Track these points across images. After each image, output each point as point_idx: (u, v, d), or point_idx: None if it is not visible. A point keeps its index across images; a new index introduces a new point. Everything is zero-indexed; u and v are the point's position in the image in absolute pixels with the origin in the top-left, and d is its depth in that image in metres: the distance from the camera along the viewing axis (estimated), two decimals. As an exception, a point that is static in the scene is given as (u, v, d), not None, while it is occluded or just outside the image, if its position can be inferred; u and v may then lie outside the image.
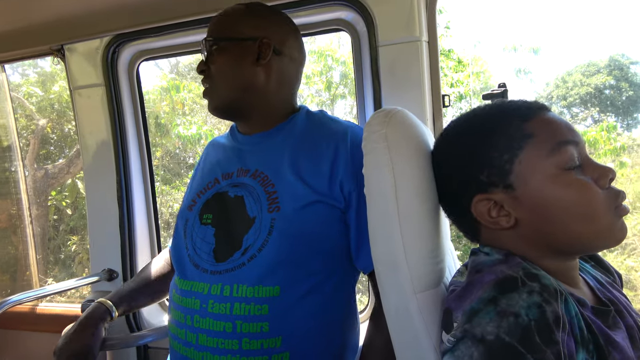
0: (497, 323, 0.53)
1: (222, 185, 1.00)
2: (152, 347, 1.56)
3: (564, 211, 0.62)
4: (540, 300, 0.54)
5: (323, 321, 0.92)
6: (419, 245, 0.75)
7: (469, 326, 0.55)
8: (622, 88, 10.59)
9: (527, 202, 0.64)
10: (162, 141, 5.58)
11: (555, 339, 0.52)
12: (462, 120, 0.73)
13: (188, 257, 0.97)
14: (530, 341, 0.51)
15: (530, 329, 0.52)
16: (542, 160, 0.63)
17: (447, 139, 0.75)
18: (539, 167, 0.63)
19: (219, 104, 1.00)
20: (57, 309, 1.78)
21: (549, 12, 12.28)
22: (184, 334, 0.92)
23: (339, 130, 0.97)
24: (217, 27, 1.00)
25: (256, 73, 0.98)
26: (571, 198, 0.62)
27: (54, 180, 5.37)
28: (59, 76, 5.65)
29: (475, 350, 0.53)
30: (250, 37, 0.97)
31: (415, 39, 1.18)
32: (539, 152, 0.63)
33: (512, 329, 0.52)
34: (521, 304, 0.53)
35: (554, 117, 0.66)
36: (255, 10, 1.01)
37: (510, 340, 0.51)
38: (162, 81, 5.74)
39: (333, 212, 0.92)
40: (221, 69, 0.98)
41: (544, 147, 0.63)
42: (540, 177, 0.63)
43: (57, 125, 5.91)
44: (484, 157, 0.67)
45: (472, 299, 0.59)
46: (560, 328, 0.53)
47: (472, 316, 0.56)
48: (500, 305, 0.54)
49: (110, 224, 1.53)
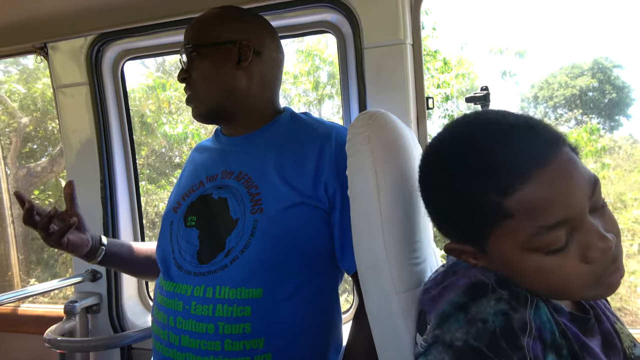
0: (466, 330, 0.55)
1: (206, 187, 1.00)
2: (136, 347, 1.55)
3: (535, 281, 0.58)
4: (507, 308, 0.55)
5: (306, 322, 0.92)
6: (401, 246, 0.76)
7: (440, 332, 0.57)
8: (606, 90, 10.78)
9: (499, 263, 0.60)
10: (148, 140, 5.53)
11: (520, 344, 0.54)
12: (447, 156, 0.61)
13: (173, 259, 0.97)
14: (497, 346, 0.53)
15: (496, 334, 0.54)
16: (517, 244, 0.56)
17: (429, 165, 0.65)
18: (513, 249, 0.56)
19: (202, 111, 1.01)
20: (40, 310, 1.76)
21: (535, 15, 12.43)
22: (166, 335, 0.92)
23: (324, 131, 0.98)
24: (194, 33, 1.00)
25: (238, 76, 0.98)
26: (543, 278, 0.57)
27: (36, 179, 5.29)
28: (42, 73, 5.57)
29: (446, 355, 0.55)
30: (229, 41, 0.97)
31: (400, 41, 1.19)
32: (515, 235, 0.55)
33: (480, 334, 0.54)
34: (489, 311, 0.55)
35: (546, 187, 0.53)
36: (231, 13, 1.02)
37: (478, 345, 0.54)
38: (147, 79, 5.69)
39: (316, 213, 0.92)
40: (202, 75, 0.98)
41: (522, 232, 0.54)
42: (514, 255, 0.57)
43: (40, 123, 5.82)
44: (458, 215, 0.60)
45: (444, 301, 0.60)
46: (526, 334, 0.55)
47: (442, 322, 0.58)
48: (470, 313, 0.56)
49: (94, 224, 1.52)
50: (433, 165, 0.63)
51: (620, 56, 12.24)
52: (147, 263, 1.17)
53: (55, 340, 1.28)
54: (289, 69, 6.30)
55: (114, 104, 1.54)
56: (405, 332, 0.73)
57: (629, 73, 10.43)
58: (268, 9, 1.24)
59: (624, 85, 11.10)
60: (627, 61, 10.64)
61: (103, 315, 1.52)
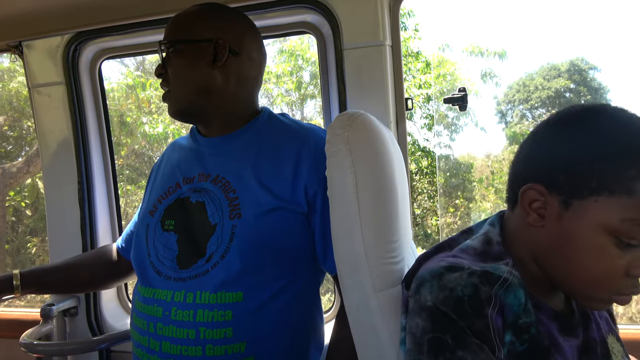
0: (436, 294, 0.61)
1: (183, 190, 0.99)
2: (115, 350, 1.53)
3: (577, 264, 0.63)
4: (477, 282, 0.61)
5: (288, 324, 0.92)
6: (379, 245, 0.77)
7: (417, 297, 0.64)
8: (581, 92, 11.03)
9: (563, 229, 0.63)
10: (128, 140, 5.46)
11: (484, 313, 0.60)
12: (602, 119, 0.63)
13: (150, 264, 0.95)
14: (462, 310, 0.59)
15: (463, 300, 0.60)
16: (607, 220, 0.60)
17: (569, 123, 0.65)
18: (596, 222, 0.60)
19: (177, 108, 1.00)
20: (15, 313, 1.72)
21: (515, 16, 12.66)
22: (147, 342, 0.91)
23: (302, 133, 0.98)
24: (172, 29, 0.99)
25: (213, 75, 0.96)
26: (594, 264, 0.61)
27: (12, 180, 5.17)
28: (18, 72, 5.44)
29: (418, 317, 0.62)
30: (205, 39, 0.95)
31: (379, 43, 1.20)
32: (616, 211, 0.59)
33: (447, 299, 0.60)
34: (459, 282, 0.61)
35: None
36: (210, 10, 1.00)
37: (445, 309, 0.60)
38: (127, 78, 5.61)
39: (295, 217, 0.92)
40: (178, 72, 0.97)
41: (625, 212, 0.59)
42: (592, 226, 0.60)
43: (16, 122, 5.69)
44: (578, 166, 0.61)
45: (426, 267, 0.66)
46: (490, 306, 0.60)
47: (419, 287, 0.64)
48: (442, 280, 0.62)
49: (71, 225, 1.50)
50: (591, 118, 0.64)
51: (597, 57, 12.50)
52: (74, 280, 1.17)
53: (32, 345, 1.25)
54: (272, 69, 6.29)
55: (92, 103, 1.52)
56: (384, 330, 0.74)
57: (605, 75, 10.67)
58: (248, 9, 1.23)
59: (600, 86, 11.39)
60: (604, 62, 10.90)
61: (81, 318, 1.50)
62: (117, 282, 1.24)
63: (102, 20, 1.35)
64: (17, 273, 1.09)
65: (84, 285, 1.21)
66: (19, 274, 1.09)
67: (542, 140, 0.67)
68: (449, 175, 7.85)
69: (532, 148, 0.68)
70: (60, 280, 1.16)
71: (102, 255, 1.21)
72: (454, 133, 8.26)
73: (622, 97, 12.59)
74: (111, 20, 1.34)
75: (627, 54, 15.45)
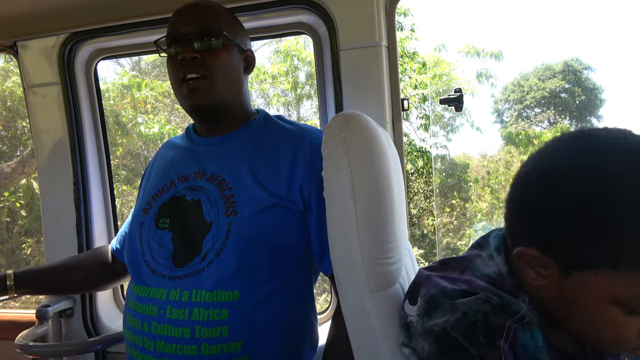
0: (447, 318, 0.58)
1: (178, 188, 0.99)
2: (111, 352, 1.52)
3: (588, 328, 0.59)
4: (489, 311, 0.58)
5: (282, 323, 0.93)
6: (376, 246, 0.77)
7: (427, 319, 0.61)
8: (576, 93, 11.08)
9: (566, 295, 0.59)
10: (123, 140, 5.44)
11: (497, 343, 0.57)
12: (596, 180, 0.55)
13: (144, 263, 0.95)
14: (474, 338, 0.56)
15: (475, 327, 0.57)
16: (610, 293, 0.55)
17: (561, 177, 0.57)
18: (599, 294, 0.56)
19: (209, 101, 0.96)
20: (11, 314, 1.71)
21: (510, 18, 12.71)
22: (141, 341, 0.90)
23: (297, 134, 0.98)
24: (219, 19, 0.97)
25: (244, 82, 1.03)
26: (606, 332, 0.58)
27: (7, 180, 5.14)
28: (12, 72, 5.41)
29: (425, 342, 0.59)
30: (245, 47, 1.03)
31: (375, 44, 1.20)
32: (619, 286, 0.54)
33: (458, 324, 0.57)
34: (472, 307, 0.58)
35: None
36: (237, 19, 1.05)
37: (455, 334, 0.57)
38: (122, 78, 5.59)
39: (291, 215, 0.93)
40: (225, 65, 0.96)
41: (630, 288, 0.54)
42: (597, 299, 0.56)
43: (10, 122, 5.66)
44: (574, 236, 0.55)
45: (439, 285, 0.64)
46: (502, 338, 0.57)
47: (429, 308, 0.62)
48: (455, 303, 0.60)
49: (67, 226, 1.49)
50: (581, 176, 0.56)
51: (591, 57, 12.55)
52: (70, 281, 1.16)
53: (27, 346, 1.25)
54: (267, 69, 6.28)
55: (87, 104, 1.51)
56: (380, 330, 0.74)
57: (599, 75, 10.74)
58: (245, 9, 1.24)
59: (594, 86, 11.45)
60: (598, 62, 10.95)
61: (77, 319, 1.49)
62: (112, 284, 1.24)
63: (97, 21, 1.35)
64: (10, 273, 1.08)
65: (79, 286, 1.20)
66: (12, 274, 1.08)
67: (533, 194, 0.60)
68: (445, 176, 7.87)
69: (523, 200, 0.61)
70: (54, 281, 1.15)
71: (97, 256, 1.20)
72: (450, 133, 8.30)
73: (617, 96, 12.65)
74: (107, 20, 1.34)
75: (621, 54, 15.54)
